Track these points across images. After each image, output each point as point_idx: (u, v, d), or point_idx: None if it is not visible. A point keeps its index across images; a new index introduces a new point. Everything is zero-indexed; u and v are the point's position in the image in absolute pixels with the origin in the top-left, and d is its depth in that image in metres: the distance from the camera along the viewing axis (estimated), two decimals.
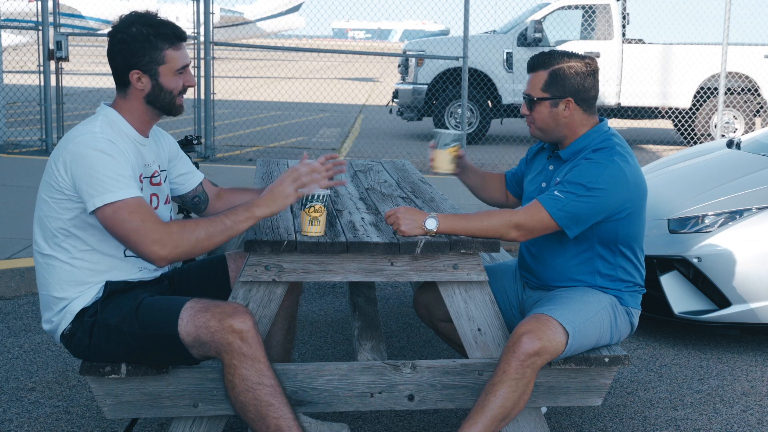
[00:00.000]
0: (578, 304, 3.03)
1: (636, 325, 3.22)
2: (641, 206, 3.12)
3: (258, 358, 2.72)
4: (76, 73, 21.66)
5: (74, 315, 2.83)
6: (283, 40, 44.62)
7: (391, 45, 58.59)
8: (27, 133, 11.54)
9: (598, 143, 3.09)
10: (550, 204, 2.96)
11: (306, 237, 2.89)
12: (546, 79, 3.09)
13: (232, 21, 39.23)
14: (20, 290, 5.23)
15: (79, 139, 2.75)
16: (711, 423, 3.69)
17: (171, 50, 2.85)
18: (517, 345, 2.85)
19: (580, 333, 2.95)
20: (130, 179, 2.73)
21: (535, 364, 2.87)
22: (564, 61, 3.09)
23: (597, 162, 3.00)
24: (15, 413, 3.57)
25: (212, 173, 8.55)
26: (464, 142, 3.78)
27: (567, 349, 2.92)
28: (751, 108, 12.47)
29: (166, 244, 2.68)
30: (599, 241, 3.10)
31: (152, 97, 2.87)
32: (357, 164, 4.64)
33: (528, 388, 2.89)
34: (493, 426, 2.88)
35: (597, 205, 2.97)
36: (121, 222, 2.68)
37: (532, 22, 12.51)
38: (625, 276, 3.16)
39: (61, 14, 11.94)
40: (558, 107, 3.10)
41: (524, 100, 3.17)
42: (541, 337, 2.86)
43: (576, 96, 3.09)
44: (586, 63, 3.11)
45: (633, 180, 3.04)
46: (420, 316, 3.51)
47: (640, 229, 3.16)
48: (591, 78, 3.11)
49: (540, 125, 3.14)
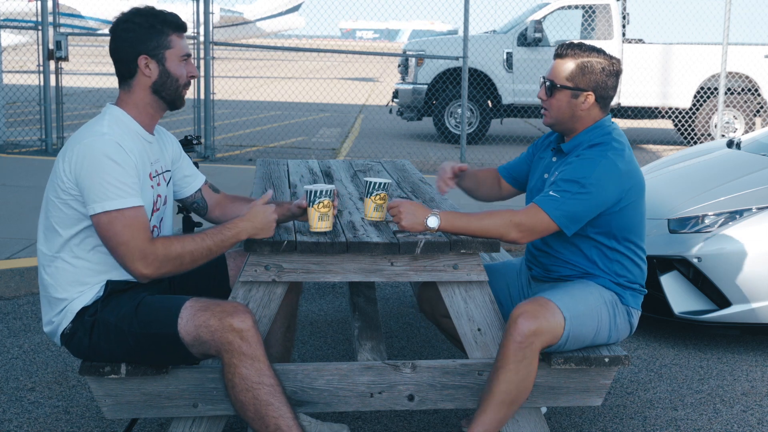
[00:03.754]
0: (578, 293, 3.06)
1: (635, 326, 3.23)
2: (637, 200, 3.12)
3: (258, 358, 2.72)
4: (75, 73, 21.66)
5: (74, 314, 2.83)
6: (283, 40, 44.61)
7: (391, 45, 58.60)
8: (27, 133, 11.54)
9: (596, 139, 3.11)
10: (547, 205, 2.97)
11: (306, 237, 2.89)
12: (573, 68, 3.10)
13: (232, 21, 39.20)
14: (20, 290, 5.23)
15: (87, 141, 2.75)
16: (711, 423, 3.69)
17: (175, 36, 2.89)
18: (513, 327, 2.87)
19: (578, 320, 2.97)
20: (132, 187, 2.74)
21: (534, 345, 2.87)
22: (593, 55, 3.11)
23: (590, 158, 3.02)
24: (15, 413, 3.57)
25: (212, 173, 8.55)
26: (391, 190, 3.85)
27: (565, 333, 2.93)
28: (751, 108, 12.47)
29: (150, 264, 2.72)
30: (598, 232, 3.10)
31: (159, 85, 2.88)
32: (357, 164, 4.64)
33: (530, 370, 2.89)
34: (501, 411, 2.90)
35: (592, 202, 2.98)
36: (113, 233, 2.71)
37: (532, 22, 12.51)
38: (624, 271, 3.16)
39: (60, 14, 11.94)
40: (578, 99, 3.11)
41: (544, 85, 3.16)
42: (536, 316, 2.88)
43: (597, 92, 3.11)
44: (612, 62, 3.14)
45: (627, 173, 3.04)
46: (423, 310, 3.52)
47: (638, 223, 3.16)
48: (614, 78, 3.14)
49: (555, 113, 3.15)
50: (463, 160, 10.37)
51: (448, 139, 12.60)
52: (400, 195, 3.72)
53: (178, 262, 2.75)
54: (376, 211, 3.10)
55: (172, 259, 2.74)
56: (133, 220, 2.71)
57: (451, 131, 12.62)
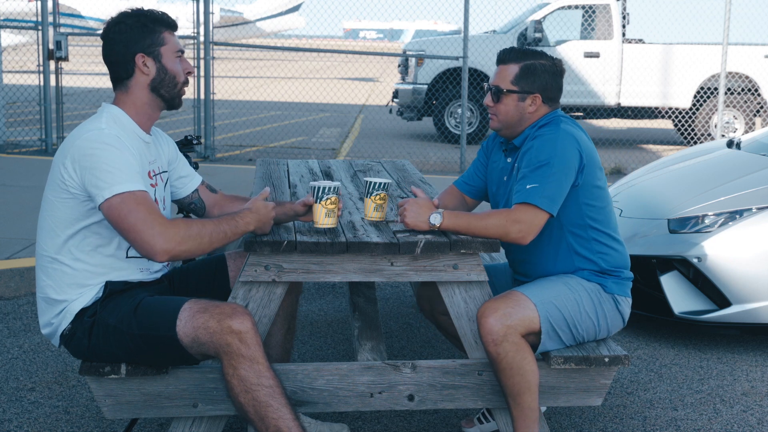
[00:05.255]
0: (546, 281, 3.11)
1: (627, 314, 3.22)
2: (596, 169, 3.14)
3: (257, 359, 2.72)
4: (75, 73, 21.66)
5: (74, 315, 2.83)
6: (283, 39, 44.61)
7: (391, 45, 58.52)
8: (27, 133, 11.54)
9: (543, 121, 3.16)
10: (532, 197, 2.98)
11: (306, 237, 2.89)
12: (517, 72, 3.15)
13: (232, 21, 39.20)
14: (20, 290, 5.23)
15: (86, 136, 2.75)
16: (711, 423, 3.69)
17: (168, 33, 2.91)
18: (481, 329, 2.93)
19: (552, 304, 3.00)
20: (137, 174, 2.74)
21: (509, 337, 2.91)
22: (536, 57, 3.16)
23: (545, 136, 3.07)
24: (14, 413, 3.57)
25: (212, 173, 8.56)
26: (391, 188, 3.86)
27: (542, 317, 2.96)
28: (751, 108, 12.46)
29: (171, 239, 2.66)
30: (567, 223, 3.13)
31: (158, 82, 2.88)
32: (357, 164, 4.64)
33: (520, 359, 2.92)
34: (530, 401, 2.97)
35: (564, 174, 3.01)
36: (127, 212, 2.65)
37: (532, 22, 12.51)
38: (598, 258, 3.16)
39: (60, 14, 11.95)
40: (525, 102, 3.15)
41: (489, 91, 3.20)
42: (497, 309, 2.92)
43: (544, 93, 3.16)
44: (555, 63, 3.19)
45: (580, 137, 3.09)
46: (422, 309, 3.52)
47: (604, 208, 3.18)
48: (559, 78, 3.20)
49: (503, 118, 3.18)
50: (463, 160, 10.38)
51: (448, 139, 12.60)
52: (400, 195, 3.72)
53: (197, 241, 2.70)
54: (376, 211, 3.10)
55: (193, 237, 2.69)
56: (145, 199, 2.70)
57: (451, 131, 12.62)
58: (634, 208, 5.02)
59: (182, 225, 2.72)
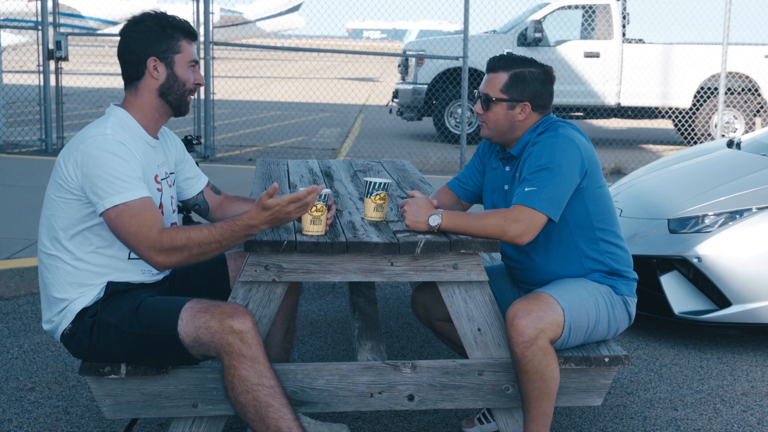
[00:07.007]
0: (571, 285, 3.09)
1: (633, 314, 3.24)
2: (598, 173, 3.15)
3: (258, 359, 2.72)
4: (75, 73, 21.67)
5: (75, 315, 2.83)
6: (284, 39, 44.60)
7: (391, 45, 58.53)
8: (27, 133, 11.54)
9: (541, 128, 3.15)
10: (530, 200, 2.97)
11: (306, 237, 2.89)
12: (506, 80, 3.13)
13: (232, 21, 39.19)
14: (20, 290, 5.23)
15: (90, 141, 2.75)
16: (711, 423, 3.69)
17: (185, 42, 2.90)
18: (511, 329, 2.91)
19: (576, 311, 3.00)
20: (138, 181, 2.74)
21: (539, 342, 2.90)
22: (525, 65, 3.14)
23: (545, 142, 3.05)
24: (14, 413, 3.57)
25: (212, 173, 8.53)
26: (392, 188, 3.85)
27: (566, 324, 2.96)
28: (751, 108, 12.47)
29: (160, 253, 2.71)
30: (575, 226, 3.12)
31: (166, 88, 2.88)
32: (357, 164, 4.64)
33: (546, 365, 2.91)
34: (546, 408, 2.97)
35: (565, 179, 3.00)
36: (122, 226, 2.71)
37: (532, 22, 12.51)
38: (607, 259, 3.17)
39: (60, 14, 11.94)
40: (514, 110, 3.13)
41: (479, 99, 3.18)
42: (531, 311, 2.91)
43: (534, 101, 3.14)
44: (545, 70, 3.17)
45: (582, 143, 3.09)
46: (418, 315, 3.52)
47: (606, 203, 3.18)
48: (550, 86, 3.18)
49: (492, 126, 3.17)
50: (463, 160, 10.38)
51: (448, 139, 12.60)
52: (400, 195, 3.72)
53: (186, 252, 2.72)
54: (376, 211, 3.10)
55: (179, 249, 2.71)
56: (140, 210, 2.71)
57: (451, 131, 12.62)
58: (634, 208, 5.02)
59: (167, 238, 2.69)
